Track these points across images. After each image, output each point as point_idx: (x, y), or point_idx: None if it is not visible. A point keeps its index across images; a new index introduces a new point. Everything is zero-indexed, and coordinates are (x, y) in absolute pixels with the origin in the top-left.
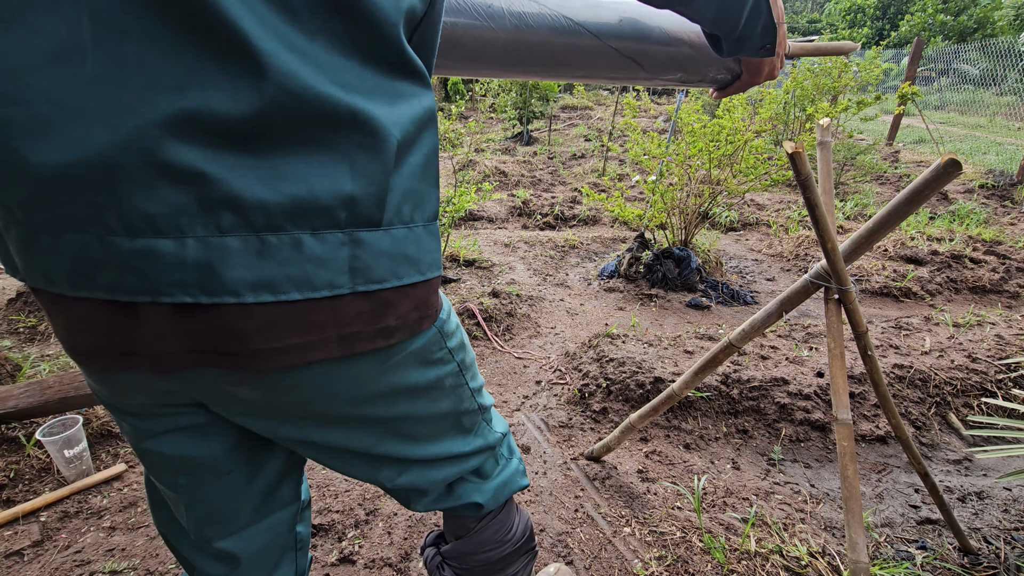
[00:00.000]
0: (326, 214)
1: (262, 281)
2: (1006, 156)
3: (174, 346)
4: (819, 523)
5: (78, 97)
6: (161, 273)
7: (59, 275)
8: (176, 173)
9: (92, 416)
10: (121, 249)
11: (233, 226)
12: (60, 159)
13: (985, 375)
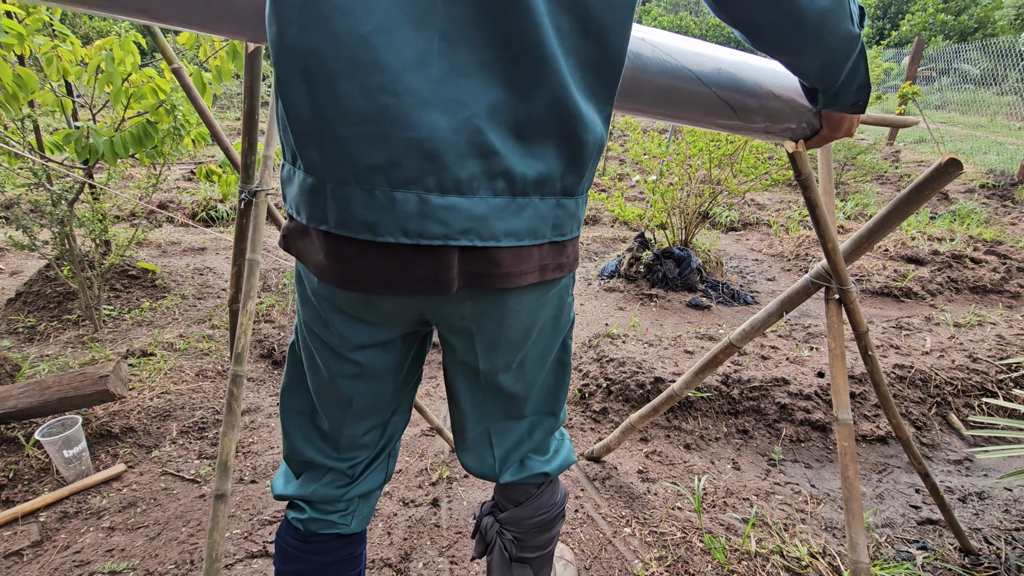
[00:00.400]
0: (551, 185)
1: (511, 231)
2: (1007, 156)
3: (451, 275)
4: (820, 523)
5: (428, 92)
6: (457, 222)
7: (378, 224)
8: (482, 151)
9: (91, 416)
10: (433, 204)
11: (503, 191)
12: (414, 135)
13: (986, 375)
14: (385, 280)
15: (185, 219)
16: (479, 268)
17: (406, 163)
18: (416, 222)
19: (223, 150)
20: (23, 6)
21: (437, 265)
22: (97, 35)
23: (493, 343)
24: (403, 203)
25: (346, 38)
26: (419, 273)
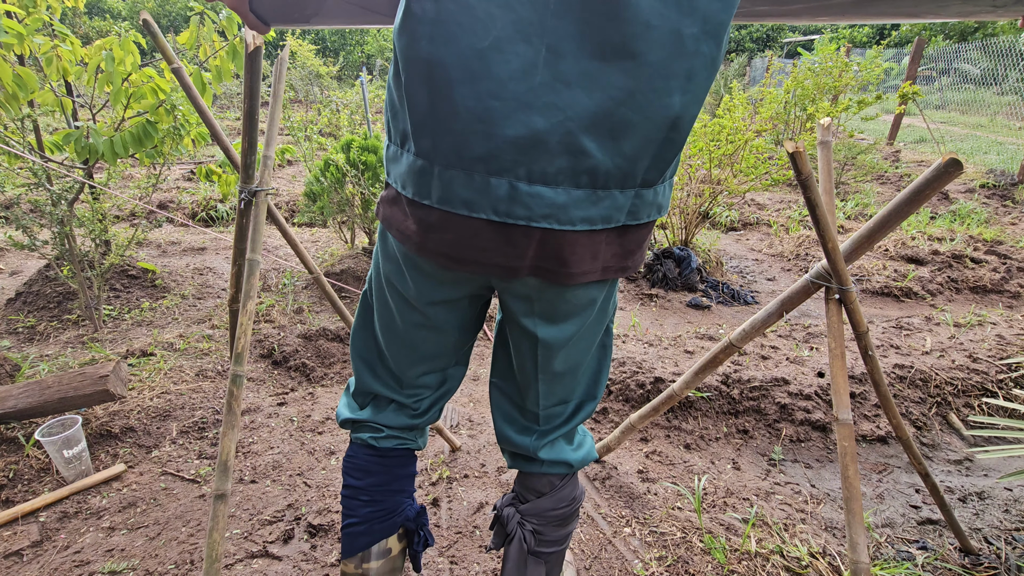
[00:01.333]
0: (632, 179)
1: (587, 217)
2: (1007, 156)
3: (523, 264)
4: (820, 523)
5: (530, 97)
6: (540, 208)
7: (475, 202)
8: (572, 150)
9: (91, 416)
10: (520, 191)
11: (585, 184)
12: (513, 133)
13: (986, 375)
14: (465, 257)
15: (185, 219)
16: (549, 264)
17: (503, 155)
18: (505, 204)
19: (223, 150)
20: (23, 5)
21: (513, 251)
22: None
23: (551, 313)
24: (496, 187)
25: (467, 52)
26: (495, 257)
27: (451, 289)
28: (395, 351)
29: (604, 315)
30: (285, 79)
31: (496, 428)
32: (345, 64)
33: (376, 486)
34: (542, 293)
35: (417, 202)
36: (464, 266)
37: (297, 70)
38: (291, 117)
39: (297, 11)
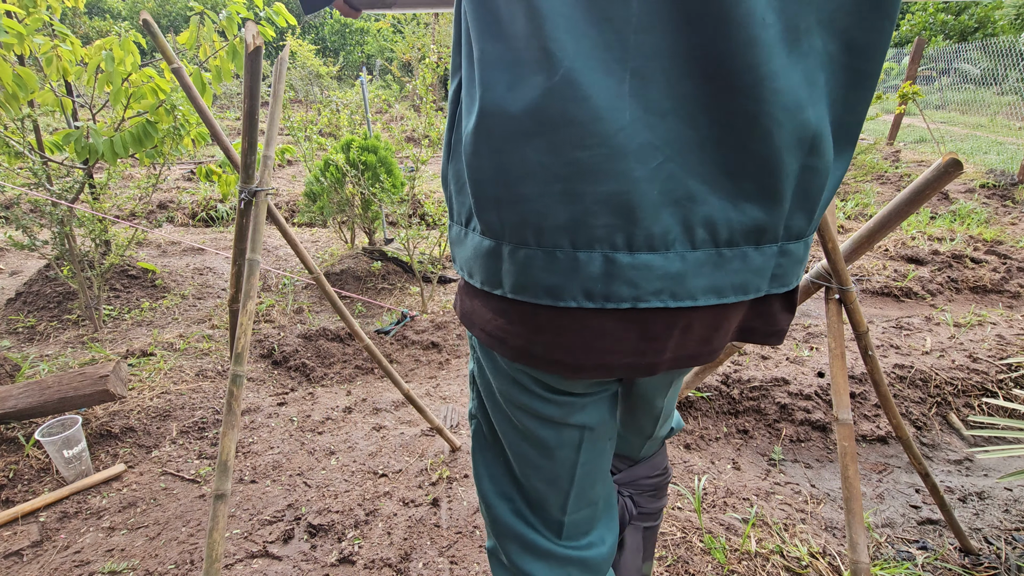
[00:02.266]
0: (771, 230)
1: (714, 287)
2: (1007, 155)
3: (665, 355)
4: (820, 523)
5: (621, 139)
6: (647, 282)
7: (560, 287)
8: (678, 198)
9: (91, 416)
10: (620, 264)
11: (703, 242)
12: (604, 189)
13: (986, 375)
14: (583, 362)
15: (185, 219)
16: (691, 350)
17: (593, 221)
18: (602, 284)
19: (223, 150)
20: (23, 5)
21: (651, 346)
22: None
23: (679, 385)
24: (586, 264)
25: (533, 93)
26: (626, 356)
27: (581, 393)
28: (552, 487)
29: None
30: (285, 79)
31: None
32: (345, 64)
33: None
34: (678, 377)
35: (492, 295)
36: (583, 373)
37: (297, 70)
38: (291, 117)
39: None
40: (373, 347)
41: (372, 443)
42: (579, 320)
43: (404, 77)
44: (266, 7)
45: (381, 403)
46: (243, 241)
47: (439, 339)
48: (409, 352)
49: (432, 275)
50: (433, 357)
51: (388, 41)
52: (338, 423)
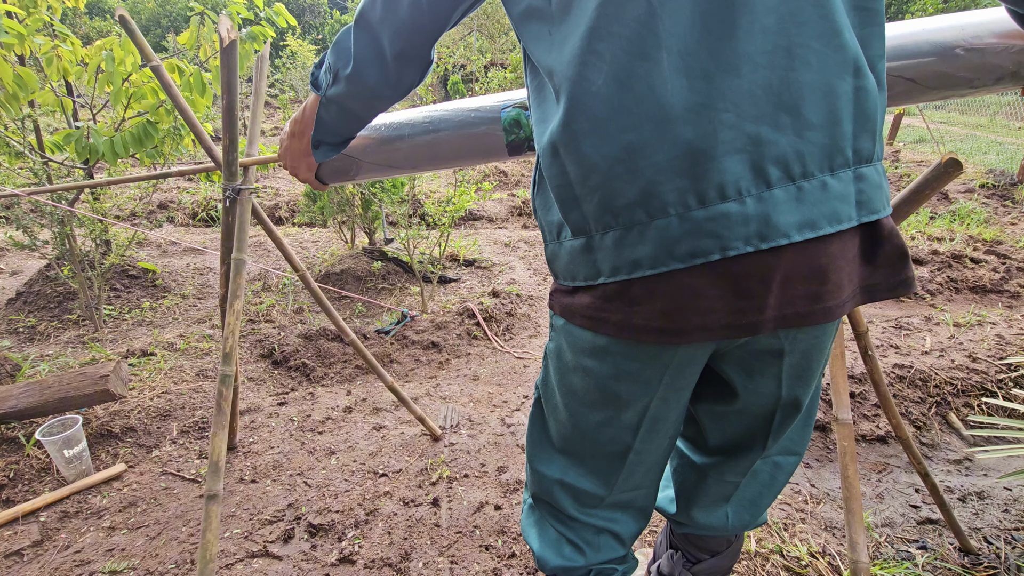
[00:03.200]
0: (840, 154)
1: (806, 221)
2: (1006, 156)
3: (766, 313)
4: (819, 523)
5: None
6: (731, 229)
7: (654, 258)
8: (742, 144)
9: (92, 416)
10: (697, 219)
11: (779, 180)
12: (661, 158)
13: (985, 375)
14: (684, 326)
15: (185, 219)
16: (799, 306)
17: (659, 188)
18: (687, 243)
19: (204, 148)
20: (23, 6)
21: (747, 303)
22: (97, 35)
23: (805, 367)
24: (666, 229)
25: (587, 101)
26: (723, 316)
27: (671, 372)
28: (602, 469)
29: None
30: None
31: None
32: None
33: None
34: (795, 344)
35: (593, 286)
36: (685, 337)
37: (297, 70)
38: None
39: (346, 176)
40: (358, 342)
41: (372, 443)
42: (673, 283)
43: None
44: (266, 7)
45: (381, 403)
46: (230, 240)
47: (439, 339)
48: (409, 352)
49: (432, 275)
50: (433, 357)
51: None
52: (338, 423)
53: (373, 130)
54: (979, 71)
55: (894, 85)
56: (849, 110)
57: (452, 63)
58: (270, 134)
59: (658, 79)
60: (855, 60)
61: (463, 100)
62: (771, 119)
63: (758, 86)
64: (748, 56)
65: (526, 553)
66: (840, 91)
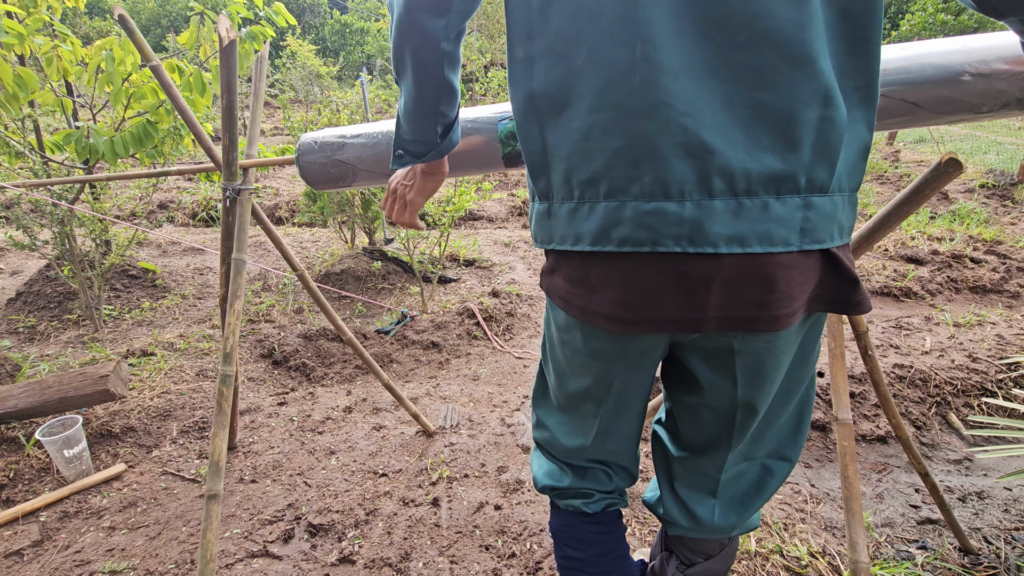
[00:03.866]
0: (791, 179)
1: (735, 236)
2: (1006, 155)
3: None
4: (819, 523)
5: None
6: (665, 227)
7: (597, 234)
8: (693, 150)
9: (92, 416)
10: (640, 211)
11: (721, 192)
12: (616, 145)
13: (985, 375)
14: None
15: (185, 219)
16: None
17: (611, 173)
18: (627, 229)
19: (204, 148)
20: (23, 6)
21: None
22: (97, 35)
23: (758, 370)
24: (614, 211)
25: (565, 76)
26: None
27: (631, 356)
28: (578, 426)
29: (814, 353)
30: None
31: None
32: (345, 64)
33: (602, 556)
34: (747, 345)
35: (558, 251)
36: (635, 327)
37: (297, 70)
38: (291, 117)
39: (343, 183)
40: (355, 341)
41: (372, 443)
42: (624, 273)
43: None
44: (266, 7)
45: (381, 403)
46: (230, 240)
47: (439, 339)
48: (409, 352)
49: (432, 275)
50: (433, 357)
51: (388, 41)
52: (338, 423)
53: (369, 138)
54: (985, 96)
55: (896, 109)
56: (810, 139)
57: None
58: (270, 134)
59: (629, 68)
60: (826, 89)
61: (460, 111)
62: (725, 132)
63: (719, 98)
64: (715, 68)
65: (526, 553)
66: (803, 119)
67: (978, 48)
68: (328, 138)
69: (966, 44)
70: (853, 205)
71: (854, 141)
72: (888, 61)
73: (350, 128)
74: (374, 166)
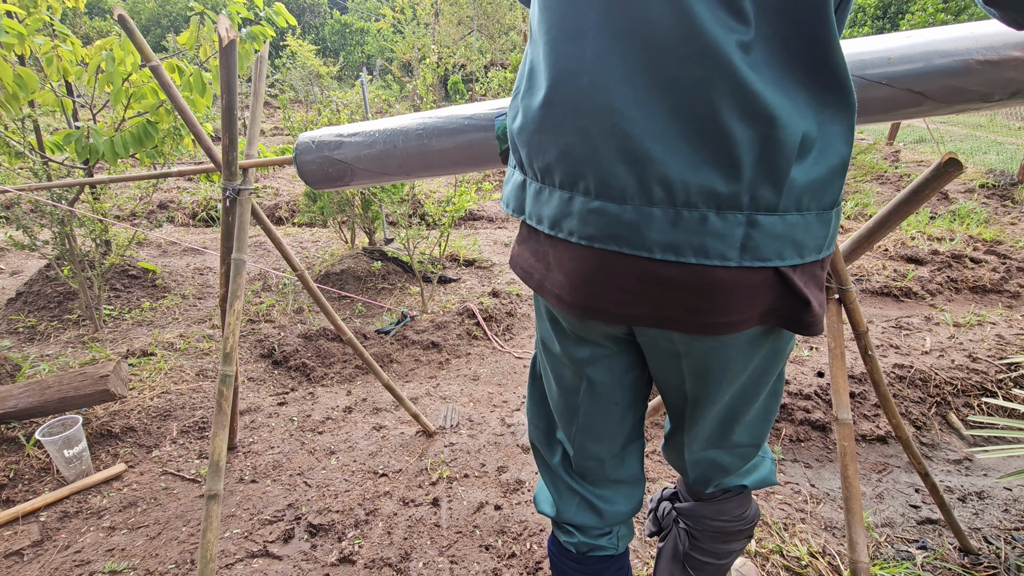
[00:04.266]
0: (733, 197)
1: (670, 244)
2: (1006, 156)
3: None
4: (819, 523)
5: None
6: (603, 226)
7: (554, 219)
8: (633, 157)
9: (92, 416)
10: (588, 207)
11: (660, 200)
12: (564, 140)
13: (985, 375)
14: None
15: (186, 219)
16: (675, 312)
17: (559, 167)
18: (576, 222)
19: (204, 148)
20: (23, 6)
21: (623, 297)
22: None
23: (703, 371)
24: (566, 201)
25: (535, 63)
26: (605, 301)
27: (590, 343)
28: (564, 424)
29: (776, 362)
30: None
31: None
32: (345, 64)
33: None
34: (691, 348)
35: (528, 226)
36: (578, 312)
37: (297, 70)
38: (291, 117)
39: (340, 183)
40: (355, 340)
41: (372, 443)
42: (572, 261)
43: (404, 77)
44: (266, 7)
45: (381, 403)
46: (230, 240)
47: (439, 339)
48: (409, 352)
49: (432, 275)
50: (433, 357)
51: (388, 41)
52: (338, 423)
53: (367, 136)
54: (994, 85)
55: (900, 99)
56: (750, 157)
57: (452, 63)
58: (270, 134)
59: (579, 67)
60: (766, 109)
61: (457, 108)
62: (669, 143)
63: (666, 108)
64: (662, 80)
65: (526, 553)
66: (740, 137)
67: (986, 35)
68: (326, 137)
69: (973, 31)
70: (825, 223)
71: (825, 158)
72: (893, 50)
73: (347, 127)
74: (372, 165)
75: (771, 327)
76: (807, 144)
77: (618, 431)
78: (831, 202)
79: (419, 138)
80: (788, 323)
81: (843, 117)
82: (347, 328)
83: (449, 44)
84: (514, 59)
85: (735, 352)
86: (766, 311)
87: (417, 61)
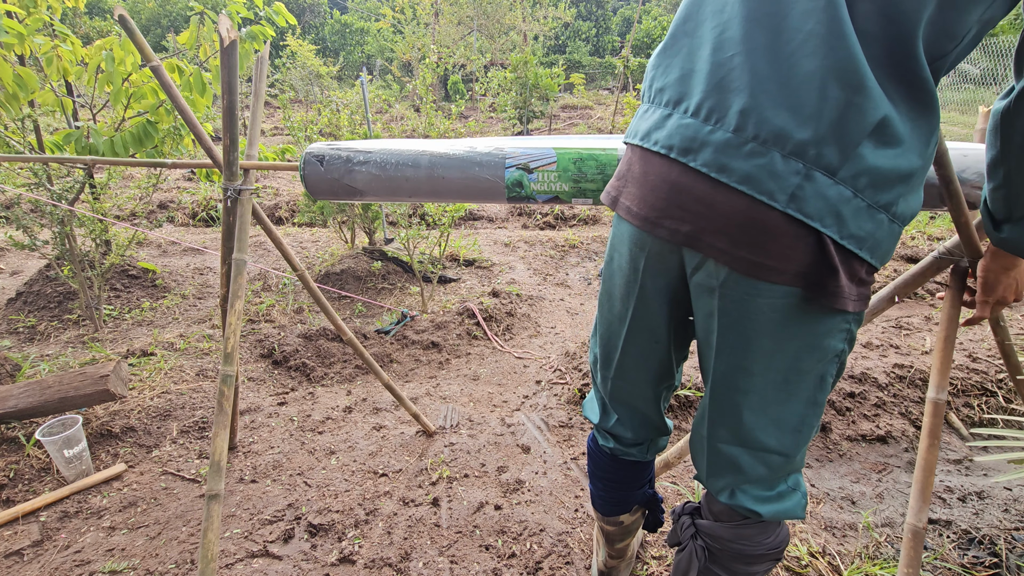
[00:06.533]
0: (801, 147)
1: (725, 166)
2: None
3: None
4: (819, 523)
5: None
6: (675, 138)
7: (647, 133)
8: (724, 87)
9: (92, 416)
10: (672, 121)
11: (734, 128)
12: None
13: (985, 375)
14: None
15: (186, 219)
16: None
17: (671, 88)
18: (659, 132)
19: (204, 148)
20: (23, 6)
21: (681, 212)
22: (97, 35)
23: (736, 320)
24: (655, 115)
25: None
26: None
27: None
28: (606, 349)
29: (811, 355)
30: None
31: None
32: (345, 64)
33: (612, 482)
34: (726, 288)
35: (626, 143)
36: (641, 222)
37: (297, 70)
38: (291, 117)
39: (346, 199)
40: (355, 340)
41: (372, 443)
42: (651, 170)
43: (404, 77)
44: (266, 7)
45: (381, 403)
46: (231, 240)
47: (439, 339)
48: (409, 352)
49: (432, 275)
50: (433, 357)
51: (388, 41)
52: (338, 423)
53: (379, 167)
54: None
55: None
56: (830, 116)
57: (452, 63)
58: (270, 134)
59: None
60: (859, 75)
61: (469, 142)
62: (763, 81)
63: (774, 52)
64: (783, 28)
65: (526, 553)
66: (828, 94)
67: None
68: (335, 159)
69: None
70: (875, 221)
71: (897, 156)
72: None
73: (358, 150)
74: (382, 191)
75: (806, 305)
76: (885, 127)
77: (650, 368)
78: (886, 203)
79: (430, 174)
80: (814, 288)
81: (925, 123)
82: (347, 328)
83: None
84: (514, 59)
85: (766, 311)
86: (799, 272)
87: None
